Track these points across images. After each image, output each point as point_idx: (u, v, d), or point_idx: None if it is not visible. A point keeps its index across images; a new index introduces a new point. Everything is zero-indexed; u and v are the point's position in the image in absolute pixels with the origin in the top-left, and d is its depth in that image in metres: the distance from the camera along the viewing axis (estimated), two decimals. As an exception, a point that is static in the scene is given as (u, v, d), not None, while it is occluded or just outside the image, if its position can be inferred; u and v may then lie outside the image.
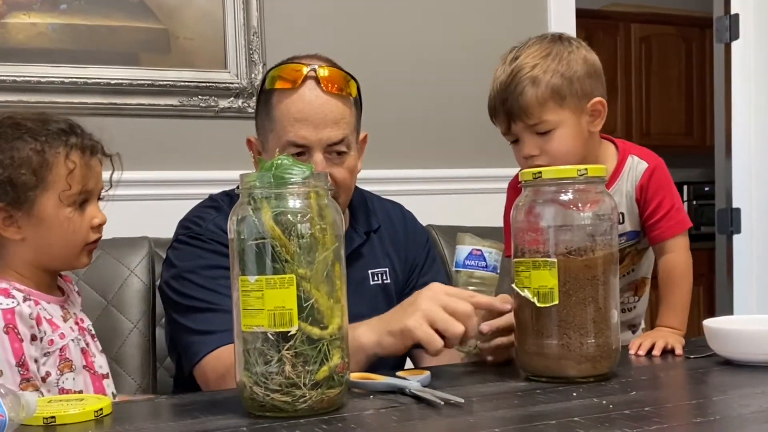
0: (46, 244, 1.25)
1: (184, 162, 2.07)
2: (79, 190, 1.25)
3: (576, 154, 1.35)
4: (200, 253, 1.38)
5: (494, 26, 2.43)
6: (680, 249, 1.40)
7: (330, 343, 0.97)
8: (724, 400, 1.04)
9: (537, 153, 1.34)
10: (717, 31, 2.84)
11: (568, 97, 1.32)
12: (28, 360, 1.18)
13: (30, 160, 1.22)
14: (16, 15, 1.93)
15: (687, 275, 1.40)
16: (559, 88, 1.32)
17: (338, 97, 1.36)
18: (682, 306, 1.39)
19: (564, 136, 1.33)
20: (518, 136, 1.36)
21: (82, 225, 1.27)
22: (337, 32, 2.23)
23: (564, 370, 1.11)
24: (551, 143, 1.33)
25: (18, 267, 1.26)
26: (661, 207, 1.39)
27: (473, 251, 1.26)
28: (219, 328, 1.27)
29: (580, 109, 1.34)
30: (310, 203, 0.97)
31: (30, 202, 1.22)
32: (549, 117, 1.32)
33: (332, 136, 1.35)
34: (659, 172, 1.40)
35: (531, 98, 1.31)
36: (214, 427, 0.93)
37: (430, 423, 0.95)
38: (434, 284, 1.22)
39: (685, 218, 1.41)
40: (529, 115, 1.32)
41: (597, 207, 1.13)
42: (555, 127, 1.33)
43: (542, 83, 1.31)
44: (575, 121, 1.34)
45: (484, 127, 2.40)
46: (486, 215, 2.00)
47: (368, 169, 1.92)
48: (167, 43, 2.05)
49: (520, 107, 1.32)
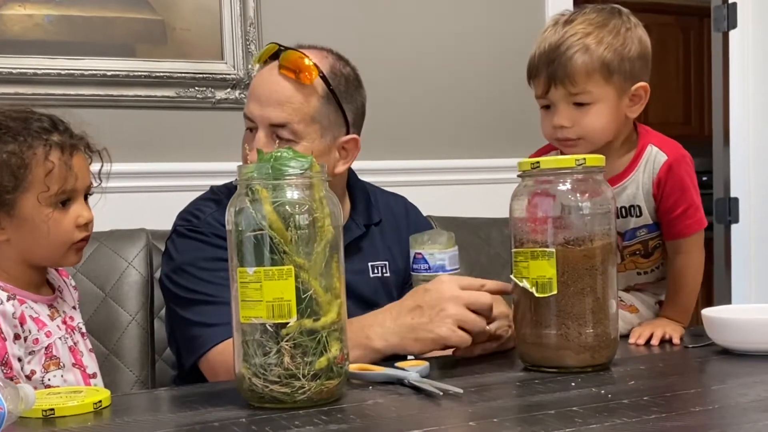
0: (30, 245, 1.24)
1: (181, 153, 2.06)
2: (57, 190, 1.23)
3: (607, 134, 1.31)
4: (199, 246, 1.37)
5: (493, 19, 2.42)
6: (694, 250, 1.38)
7: (328, 334, 0.97)
8: (723, 389, 1.04)
9: (569, 125, 1.30)
10: (715, 20, 2.83)
11: (616, 75, 1.28)
12: (11, 359, 1.18)
13: (8, 161, 1.20)
14: (11, 6, 1.92)
15: (697, 276, 1.39)
16: (610, 62, 1.27)
17: (290, 81, 1.33)
18: (689, 305, 1.38)
19: (601, 112, 1.29)
20: (554, 102, 1.31)
21: (65, 225, 1.24)
22: (334, 22, 2.22)
23: (563, 360, 1.11)
24: (587, 117, 1.29)
25: (5, 266, 1.25)
26: (678, 205, 1.35)
27: (416, 255, 1.30)
28: (221, 320, 1.26)
29: (623, 90, 1.30)
30: (308, 194, 0.97)
31: (9, 204, 1.21)
32: (593, 89, 1.28)
33: (273, 116, 1.33)
34: (678, 166, 1.34)
35: (580, 66, 1.27)
36: (213, 419, 0.93)
37: (429, 413, 0.95)
38: (447, 279, 1.22)
39: (701, 218, 1.37)
40: (574, 83, 1.27)
41: (595, 197, 1.13)
42: (595, 101, 1.29)
43: (594, 53, 1.27)
44: (616, 100, 1.30)
45: (485, 118, 2.43)
46: (486, 206, 2.01)
47: (370, 160, 1.92)
48: (163, 34, 2.04)
49: (566, 73, 1.27)
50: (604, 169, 1.17)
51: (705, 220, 1.38)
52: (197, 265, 1.35)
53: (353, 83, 1.41)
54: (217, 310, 1.28)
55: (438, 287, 1.20)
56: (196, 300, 1.33)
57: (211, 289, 1.32)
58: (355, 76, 1.42)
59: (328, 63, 1.38)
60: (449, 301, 1.17)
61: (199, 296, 1.33)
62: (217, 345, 1.28)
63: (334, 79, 1.37)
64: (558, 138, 1.33)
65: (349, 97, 1.39)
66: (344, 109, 1.38)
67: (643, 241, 1.39)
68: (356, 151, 1.42)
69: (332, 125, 1.37)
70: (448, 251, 1.28)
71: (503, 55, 2.43)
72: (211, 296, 1.31)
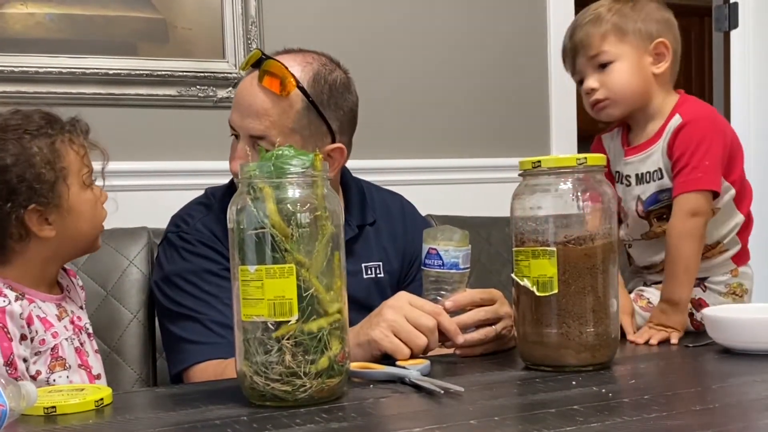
0: (77, 233, 1.26)
1: (183, 152, 2.07)
2: (92, 170, 1.27)
3: (634, 90, 1.38)
4: (186, 256, 1.39)
5: (494, 17, 2.42)
6: (678, 211, 1.32)
7: (330, 333, 0.97)
8: (723, 389, 1.04)
9: (597, 86, 1.38)
10: (716, 20, 2.83)
11: (630, 35, 1.37)
12: (16, 359, 1.18)
13: (43, 154, 1.21)
14: (13, 5, 1.93)
15: (680, 242, 1.31)
16: (621, 24, 1.37)
17: (268, 93, 1.32)
18: (674, 275, 1.32)
19: (623, 69, 1.37)
20: (582, 72, 1.41)
21: (99, 205, 1.29)
22: (335, 21, 2.23)
23: (563, 359, 1.11)
24: (610, 75, 1.37)
25: (31, 263, 1.25)
26: (678, 162, 1.34)
27: (429, 250, 1.27)
28: (203, 339, 1.32)
29: (642, 48, 1.38)
30: (310, 193, 0.97)
31: (59, 195, 1.22)
32: (608, 48, 1.37)
33: (251, 128, 1.32)
34: (690, 127, 1.34)
35: (593, 31, 1.38)
36: (214, 417, 0.93)
37: (429, 412, 0.96)
38: (401, 294, 1.22)
39: (697, 179, 1.31)
40: (590, 46, 1.38)
41: (596, 196, 1.13)
42: (614, 59, 1.37)
43: (605, 18, 1.38)
44: (636, 57, 1.37)
45: (484, 117, 2.43)
46: (485, 205, 2.01)
47: (367, 159, 1.92)
48: (165, 32, 2.04)
49: (582, 40, 1.39)
50: (605, 168, 1.17)
51: (704, 181, 1.31)
52: (183, 276, 1.38)
53: (339, 89, 1.37)
54: (199, 329, 1.33)
55: (390, 299, 1.21)
56: (181, 314, 1.36)
57: (195, 305, 1.35)
58: (343, 81, 1.38)
59: (311, 70, 1.35)
60: (389, 309, 1.18)
61: (183, 310, 1.36)
62: (200, 363, 1.31)
63: (316, 87, 1.34)
64: (590, 103, 1.41)
65: (333, 104, 1.36)
66: (327, 118, 1.35)
67: (668, 205, 1.37)
68: (342, 159, 1.40)
69: (314, 135, 1.35)
70: (462, 249, 1.26)
71: (505, 55, 2.43)
72: (195, 312, 1.34)
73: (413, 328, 1.17)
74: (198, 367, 1.32)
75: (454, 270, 1.25)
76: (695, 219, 1.32)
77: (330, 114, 1.36)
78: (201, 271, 1.37)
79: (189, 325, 1.35)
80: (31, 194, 1.20)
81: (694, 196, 1.32)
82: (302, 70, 1.34)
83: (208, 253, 1.38)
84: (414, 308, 1.18)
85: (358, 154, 1.48)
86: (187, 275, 1.38)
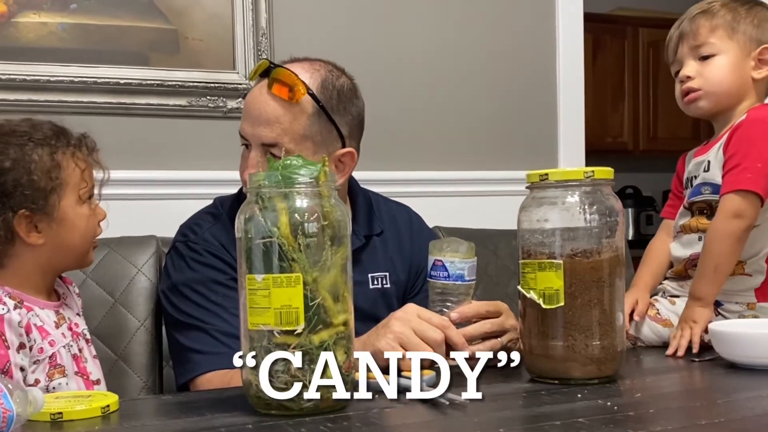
0: (66, 245, 1.26)
1: (192, 162, 2.08)
2: (92, 186, 1.28)
3: (729, 87, 1.39)
4: (194, 266, 1.40)
5: (502, 30, 2.43)
6: (721, 211, 1.31)
7: (336, 342, 0.97)
8: (729, 403, 1.04)
9: (693, 75, 1.41)
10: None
11: (740, 34, 1.39)
12: (12, 368, 1.18)
13: (42, 163, 1.23)
14: (26, 14, 1.94)
15: (717, 240, 1.30)
16: (734, 22, 1.39)
17: (279, 100, 1.33)
18: (704, 272, 1.32)
19: (723, 64, 1.39)
20: (681, 60, 1.43)
21: (93, 221, 1.29)
22: (345, 33, 2.24)
23: (569, 372, 1.11)
24: (708, 67, 1.40)
25: (27, 271, 1.26)
26: (731, 160, 1.33)
27: (435, 261, 1.27)
28: (209, 349, 1.32)
29: (747, 50, 1.40)
30: (317, 203, 0.97)
31: (51, 205, 1.23)
32: (714, 41, 1.39)
33: (263, 136, 1.33)
34: (749, 125, 1.33)
35: (704, 21, 1.40)
36: (220, 425, 0.94)
37: (435, 423, 0.96)
38: (409, 306, 1.22)
39: (744, 179, 1.29)
40: (697, 35, 1.40)
41: (603, 209, 1.13)
42: (717, 53, 1.39)
43: (718, 13, 1.40)
44: (739, 57, 1.39)
45: (492, 129, 2.44)
46: (493, 217, 2.01)
47: (375, 171, 1.93)
48: (176, 43, 2.06)
49: (691, 28, 1.41)
50: (612, 182, 1.17)
51: (751, 182, 1.29)
52: (191, 286, 1.38)
53: (347, 95, 1.38)
54: (206, 338, 1.33)
55: (398, 311, 1.21)
56: (188, 324, 1.37)
57: (202, 314, 1.35)
58: (350, 87, 1.40)
59: (319, 77, 1.36)
60: (397, 320, 1.18)
61: (191, 320, 1.36)
62: (206, 373, 1.32)
63: (325, 93, 1.35)
64: (683, 91, 1.43)
65: (343, 110, 1.37)
66: (337, 123, 1.37)
67: (707, 200, 1.38)
68: (353, 164, 1.41)
69: (325, 141, 1.36)
70: (468, 261, 1.26)
71: (513, 68, 2.44)
72: (202, 322, 1.35)
73: (420, 340, 1.16)
74: (204, 377, 1.32)
75: (460, 282, 1.26)
76: (737, 221, 1.30)
77: (339, 119, 1.37)
78: (208, 280, 1.37)
79: (196, 334, 1.35)
80: (23, 199, 1.22)
81: (740, 197, 1.30)
82: (311, 77, 1.35)
83: (216, 263, 1.39)
84: (422, 321, 1.18)
85: (366, 165, 1.48)
86: (194, 285, 1.38)
